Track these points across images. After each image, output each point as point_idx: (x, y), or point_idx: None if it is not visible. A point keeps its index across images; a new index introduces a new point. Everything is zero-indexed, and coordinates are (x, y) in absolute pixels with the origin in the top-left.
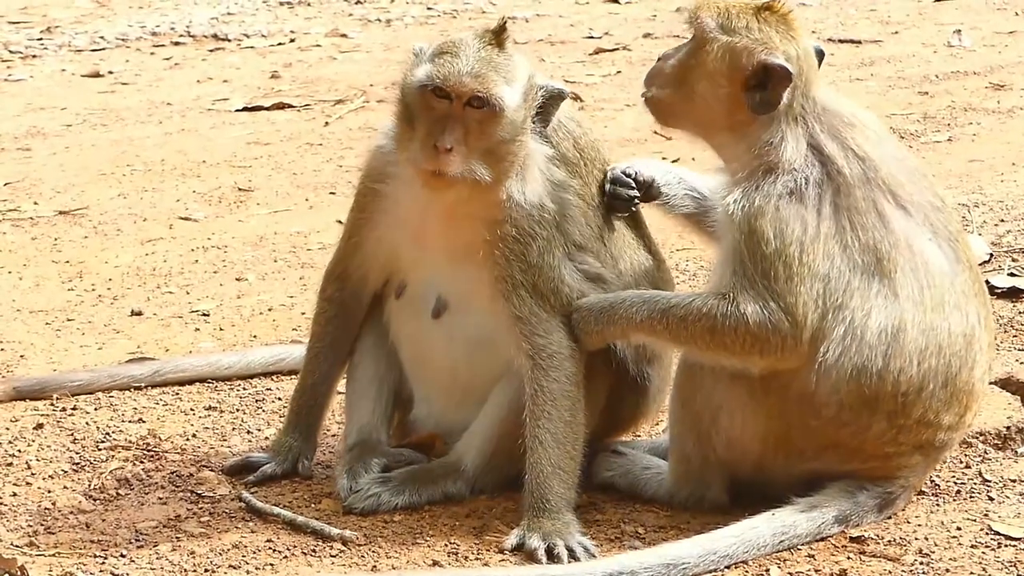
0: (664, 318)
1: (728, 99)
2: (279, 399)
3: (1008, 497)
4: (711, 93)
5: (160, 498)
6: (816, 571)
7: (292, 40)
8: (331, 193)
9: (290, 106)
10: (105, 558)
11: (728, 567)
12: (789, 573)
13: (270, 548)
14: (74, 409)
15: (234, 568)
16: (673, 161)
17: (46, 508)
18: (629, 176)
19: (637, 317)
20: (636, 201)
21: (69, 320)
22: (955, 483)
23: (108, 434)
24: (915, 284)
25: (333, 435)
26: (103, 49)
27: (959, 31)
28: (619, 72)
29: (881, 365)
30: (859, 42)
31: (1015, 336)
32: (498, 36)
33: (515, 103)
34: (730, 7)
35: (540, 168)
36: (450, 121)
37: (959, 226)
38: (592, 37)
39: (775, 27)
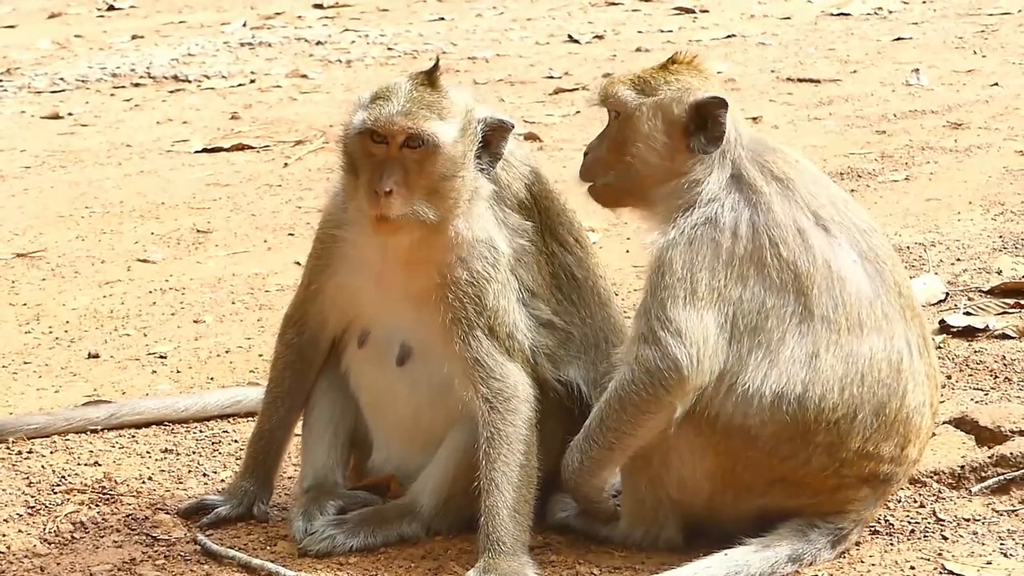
0: (598, 441)
1: (670, 154)
2: (236, 441)
3: (962, 536)
4: (653, 157)
5: (115, 541)
6: None
7: (252, 81)
8: (290, 234)
9: (250, 147)
10: None
11: None
12: None
13: None
14: (30, 452)
15: None
16: None
17: (0, 552)
18: None
19: (588, 457)
20: None
21: (26, 363)
22: (909, 522)
23: (64, 477)
24: (830, 303)
25: (289, 477)
26: (63, 91)
27: (917, 70)
28: (578, 112)
29: (800, 391)
30: (818, 81)
31: (970, 375)
32: (430, 76)
33: (451, 138)
34: (638, 74)
35: (490, 206)
36: (388, 164)
37: (890, 251)
38: (552, 77)
39: (688, 74)
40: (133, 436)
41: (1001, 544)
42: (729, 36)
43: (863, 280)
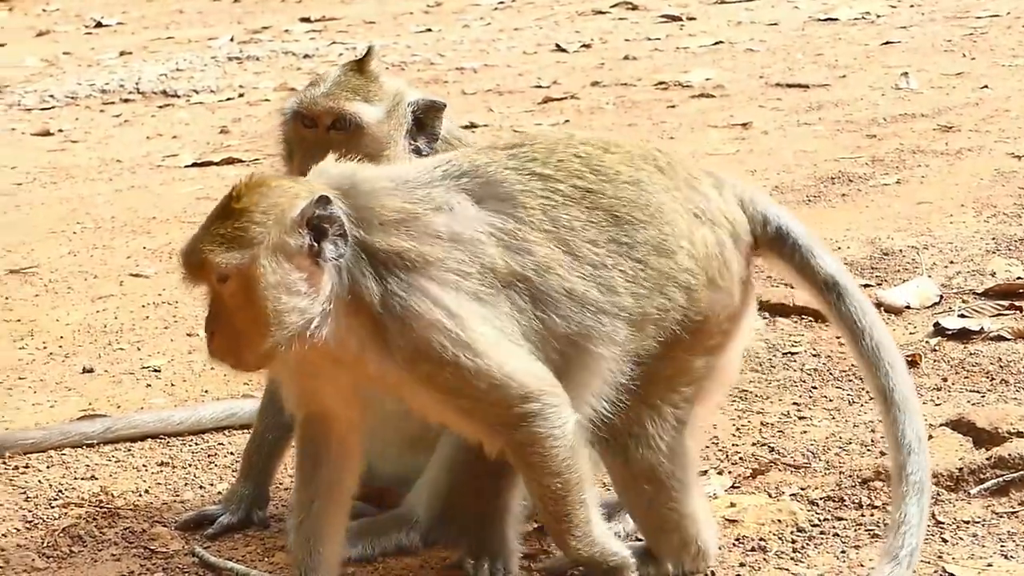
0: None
1: (310, 283)
2: (231, 454)
3: (961, 539)
4: (295, 297)
5: (113, 555)
6: None
7: (241, 95)
8: None
9: (240, 161)
10: None
11: None
12: None
13: None
14: (26, 467)
15: None
16: None
17: None
18: None
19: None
20: None
21: (20, 378)
22: None
23: (61, 491)
24: None
25: (286, 488)
26: (52, 107)
27: (906, 73)
28: (567, 120)
29: None
30: (807, 86)
31: (966, 377)
32: (360, 63)
33: (375, 119)
34: (217, 233)
35: None
36: (318, 147)
37: None
38: (540, 86)
39: (265, 195)
40: (129, 449)
41: (1002, 546)
42: (717, 43)
43: None
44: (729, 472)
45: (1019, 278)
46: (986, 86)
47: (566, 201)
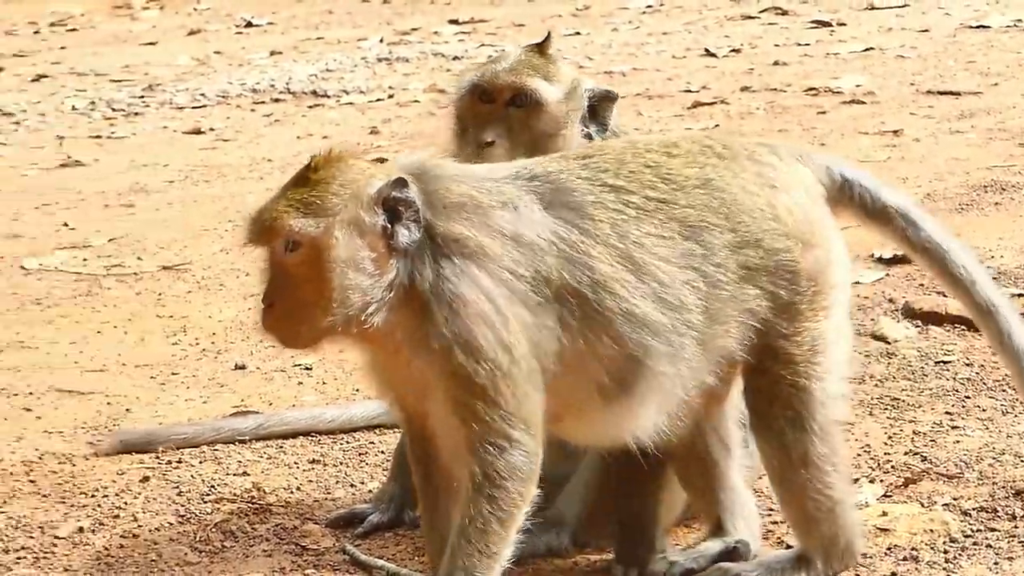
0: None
1: (377, 264)
2: (382, 452)
3: None
4: (361, 275)
5: (265, 550)
6: None
7: (391, 96)
8: None
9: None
10: None
11: None
12: None
13: None
14: (179, 462)
15: None
16: None
17: (152, 560)
18: None
19: None
20: None
21: (174, 374)
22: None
23: (213, 487)
24: None
25: None
26: (204, 106)
27: None
28: (717, 125)
29: None
30: (958, 94)
31: None
32: (540, 46)
33: (555, 97)
34: (293, 198)
35: None
36: (493, 119)
37: None
38: (690, 91)
39: (343, 171)
40: (281, 446)
41: None
42: (867, 49)
43: None
44: (881, 481)
45: None
46: None
47: (639, 214)
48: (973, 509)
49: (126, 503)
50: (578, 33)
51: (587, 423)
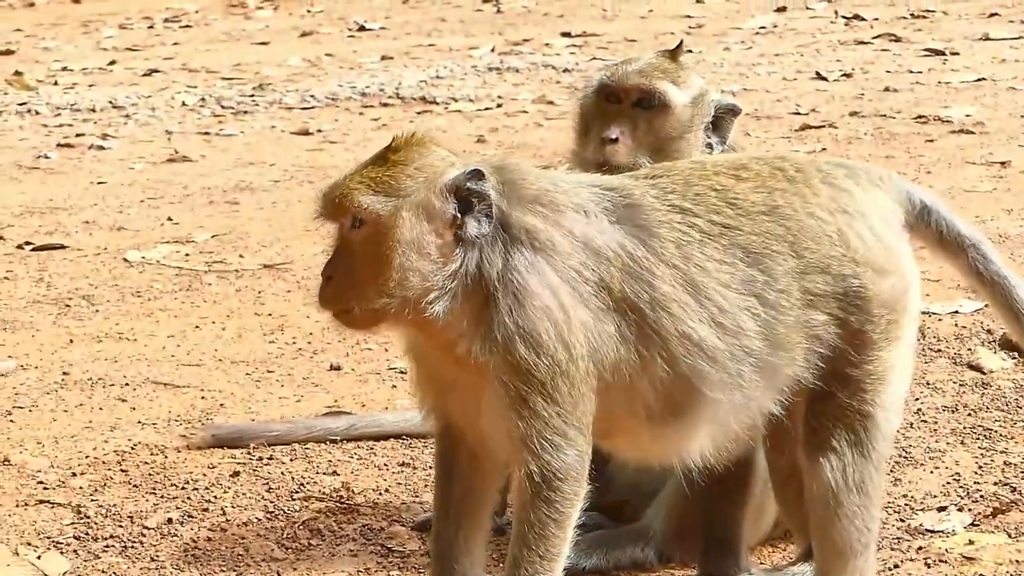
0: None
1: (441, 251)
2: None
3: None
4: (424, 260)
5: (351, 550)
6: None
7: (499, 105)
8: None
9: None
10: None
11: None
12: None
13: None
14: (270, 459)
15: None
16: None
17: (239, 554)
18: None
19: None
20: None
21: (269, 372)
22: None
23: (302, 485)
24: None
25: None
26: (312, 108)
27: None
28: (824, 148)
29: None
30: None
31: None
32: (672, 52)
33: (682, 102)
34: (367, 175)
35: None
36: (619, 117)
37: None
38: (799, 113)
39: (423, 155)
40: (371, 448)
41: None
42: (979, 79)
43: None
44: (969, 510)
45: None
46: None
47: (703, 238)
48: None
49: (215, 497)
50: (690, 51)
51: (633, 442)
